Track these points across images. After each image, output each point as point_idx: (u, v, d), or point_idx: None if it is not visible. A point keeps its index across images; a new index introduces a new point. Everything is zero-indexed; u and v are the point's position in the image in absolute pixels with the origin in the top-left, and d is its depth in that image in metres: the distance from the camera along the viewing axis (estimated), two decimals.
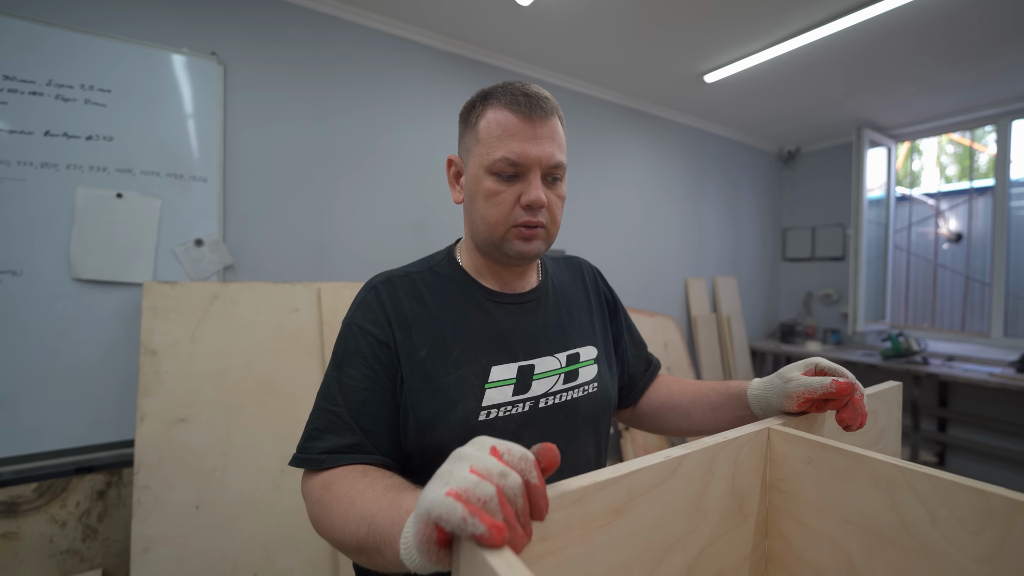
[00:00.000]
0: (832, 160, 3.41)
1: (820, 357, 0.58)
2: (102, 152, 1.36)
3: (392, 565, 0.38)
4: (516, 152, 0.57)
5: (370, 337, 0.59)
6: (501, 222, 0.59)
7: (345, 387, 0.57)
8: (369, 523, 0.41)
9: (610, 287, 0.80)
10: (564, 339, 0.66)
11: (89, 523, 1.27)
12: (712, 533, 0.51)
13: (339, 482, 0.50)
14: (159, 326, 1.34)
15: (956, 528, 0.42)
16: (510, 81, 0.61)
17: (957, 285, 3.08)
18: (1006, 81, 2.40)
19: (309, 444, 0.55)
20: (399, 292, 0.62)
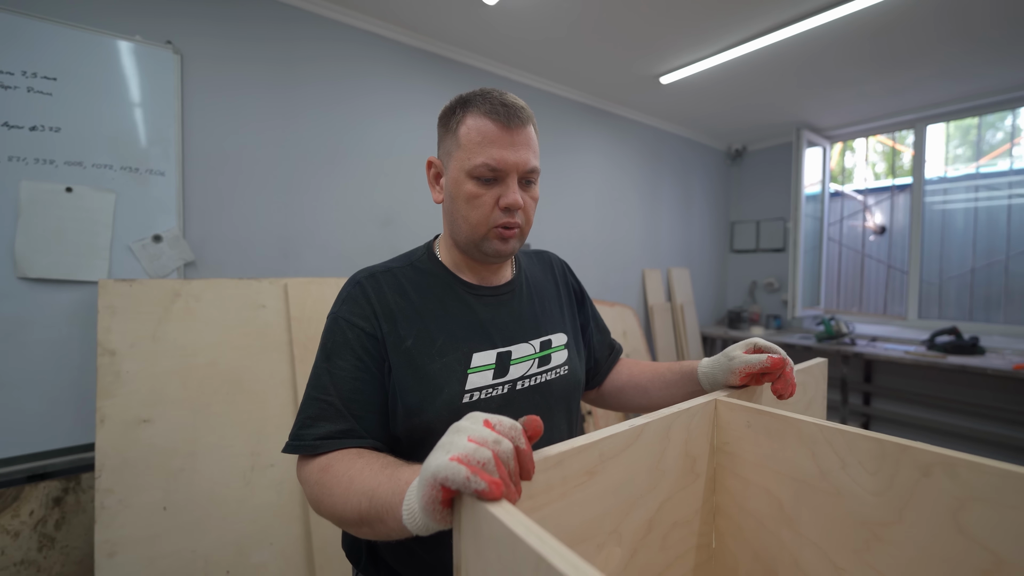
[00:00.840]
0: (775, 158, 3.67)
1: (758, 338, 0.68)
2: (48, 144, 1.29)
3: (393, 532, 0.43)
4: (495, 158, 0.61)
5: (357, 330, 0.62)
6: (482, 223, 0.64)
7: (336, 377, 0.60)
8: (370, 497, 0.45)
9: (577, 279, 0.86)
10: (537, 327, 0.72)
11: (45, 532, 1.22)
12: (669, 490, 0.59)
13: (336, 464, 0.54)
14: (117, 325, 1.30)
15: (860, 471, 0.52)
16: (488, 89, 0.65)
17: (881, 273, 3.41)
18: (922, 90, 2.68)
19: (303, 431, 0.58)
20: (383, 287, 0.66)
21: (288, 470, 1.47)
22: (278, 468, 1.45)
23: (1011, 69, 2.40)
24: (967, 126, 2.95)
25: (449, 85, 2.22)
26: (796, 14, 1.89)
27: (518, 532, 0.31)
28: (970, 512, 0.45)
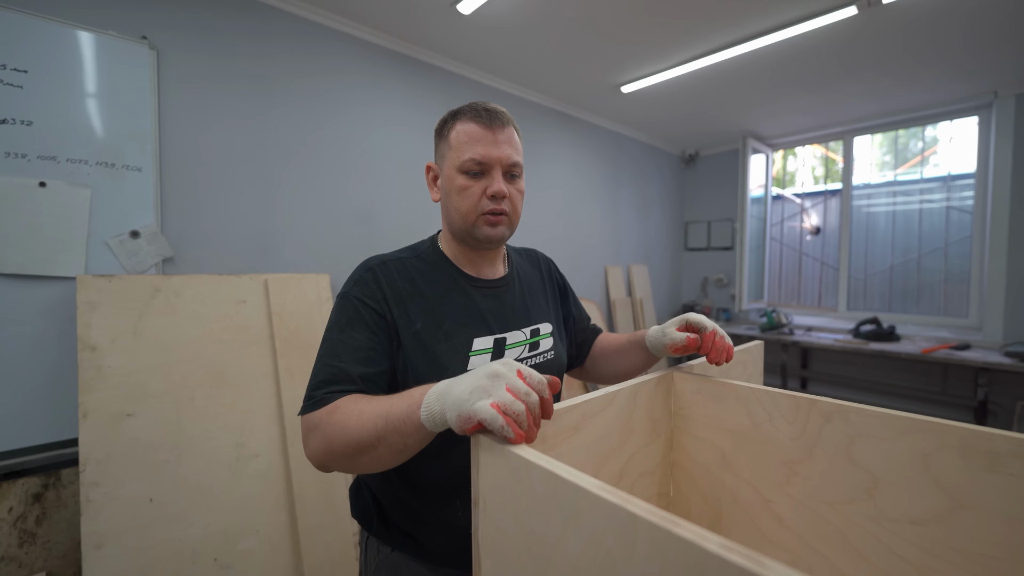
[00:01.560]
0: (724, 163, 3.95)
1: (692, 313, 0.79)
2: (20, 137, 1.26)
3: (409, 437, 0.51)
4: (480, 154, 0.70)
5: (369, 309, 0.69)
6: (472, 211, 0.72)
7: (349, 347, 0.66)
8: (385, 416, 0.52)
9: (562, 275, 0.96)
10: (528, 317, 0.81)
11: (26, 528, 1.21)
12: (636, 446, 0.73)
13: (344, 404, 0.58)
14: (98, 321, 1.30)
15: (782, 422, 0.67)
16: (475, 101, 0.75)
17: (816, 269, 3.76)
18: (849, 106, 3.00)
19: (315, 392, 0.62)
20: (393, 274, 0.73)
21: (272, 460, 1.51)
22: (262, 459, 1.50)
23: (918, 92, 2.74)
24: (894, 136, 3.31)
25: (423, 87, 2.28)
26: (739, 37, 2.09)
27: (531, 459, 0.42)
28: (858, 446, 0.60)
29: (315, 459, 0.60)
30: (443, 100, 2.36)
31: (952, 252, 3.09)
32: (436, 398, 0.49)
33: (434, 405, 0.49)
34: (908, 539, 0.57)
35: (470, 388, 0.46)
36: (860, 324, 2.98)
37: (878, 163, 3.40)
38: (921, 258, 3.22)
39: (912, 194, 3.26)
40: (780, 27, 1.98)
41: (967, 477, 0.53)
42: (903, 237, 3.31)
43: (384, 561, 0.74)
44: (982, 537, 0.52)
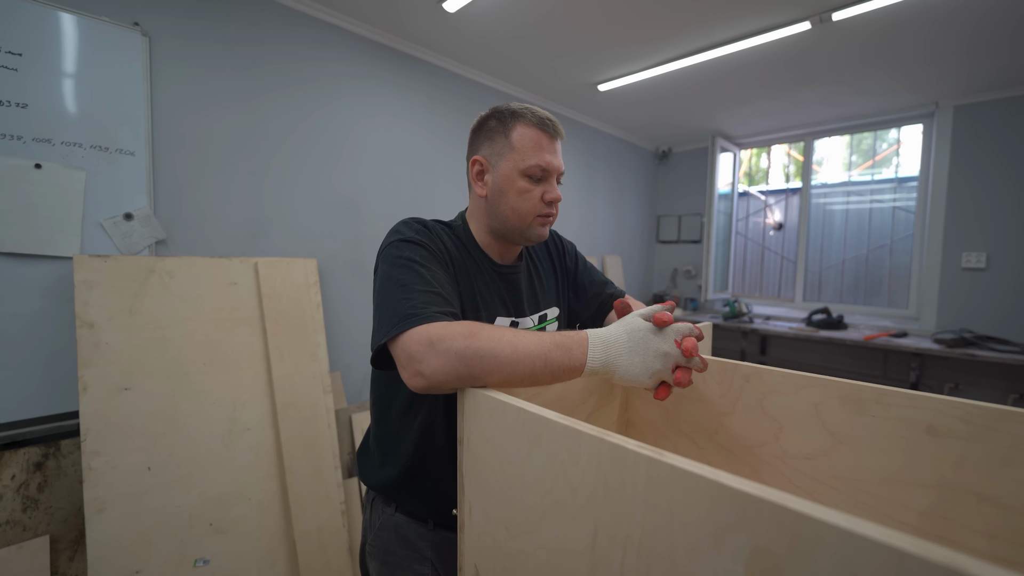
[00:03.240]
0: (695, 160, 4.14)
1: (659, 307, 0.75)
2: (15, 119, 1.30)
3: (562, 379, 0.59)
4: (546, 161, 0.75)
5: (439, 255, 0.72)
6: (530, 213, 0.77)
7: (439, 280, 0.67)
8: (544, 359, 0.57)
9: (572, 251, 1.00)
10: (536, 303, 0.88)
11: (28, 494, 1.28)
12: (595, 406, 0.86)
13: (483, 332, 0.57)
14: (95, 299, 1.36)
15: (712, 383, 0.81)
16: (530, 105, 0.78)
17: (777, 262, 4.01)
18: (808, 111, 3.21)
19: (425, 309, 0.60)
20: (442, 235, 0.77)
21: (264, 433, 1.60)
22: (254, 432, 1.58)
23: (870, 100, 2.97)
24: (861, 138, 3.52)
25: (409, 79, 2.35)
26: (707, 44, 2.24)
27: (505, 400, 0.55)
28: (768, 400, 0.75)
29: (435, 379, 0.56)
30: (428, 92, 2.44)
31: (896, 249, 3.36)
32: (601, 362, 0.59)
33: (598, 366, 0.59)
34: (802, 471, 0.72)
35: (647, 371, 0.60)
36: (812, 314, 3.22)
37: (844, 162, 3.61)
38: (870, 254, 3.49)
39: (864, 194, 3.51)
40: (743, 37, 2.13)
41: (845, 420, 0.68)
42: (855, 234, 3.57)
43: (387, 521, 0.80)
44: (854, 466, 0.68)
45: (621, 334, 0.62)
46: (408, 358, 0.58)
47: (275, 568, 1.54)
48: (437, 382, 0.57)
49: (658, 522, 0.41)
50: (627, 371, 0.60)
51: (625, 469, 0.43)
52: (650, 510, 0.41)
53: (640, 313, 0.66)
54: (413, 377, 0.58)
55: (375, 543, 0.82)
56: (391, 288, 0.65)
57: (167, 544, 1.34)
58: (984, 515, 0.59)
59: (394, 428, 0.81)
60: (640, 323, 0.63)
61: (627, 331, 0.62)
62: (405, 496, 0.80)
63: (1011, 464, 0.57)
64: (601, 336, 0.62)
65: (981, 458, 0.59)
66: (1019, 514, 0.56)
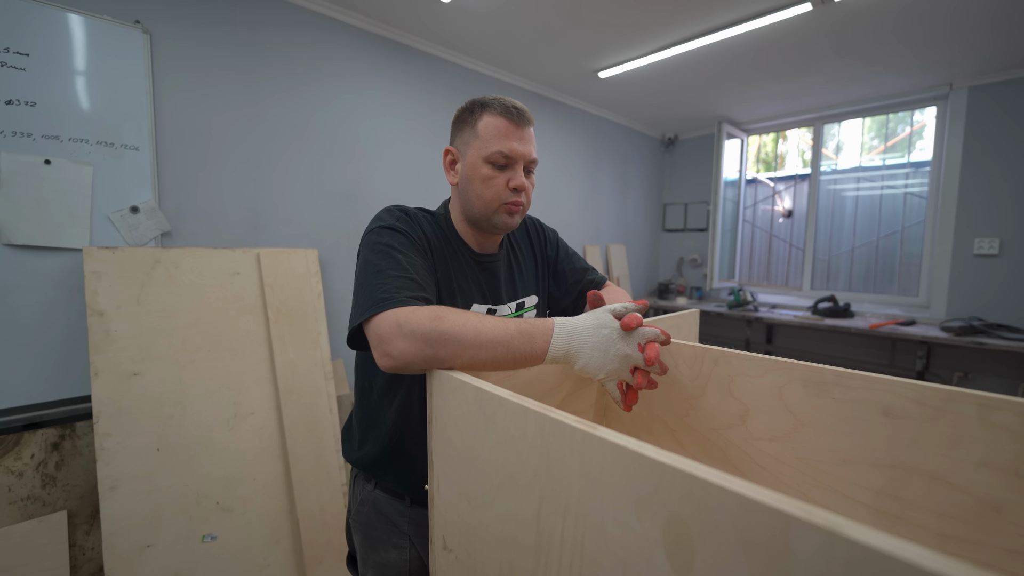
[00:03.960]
0: (702, 147, 4.08)
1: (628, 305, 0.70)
2: (25, 117, 1.36)
3: (524, 365, 0.62)
4: (508, 148, 0.76)
5: (418, 241, 0.75)
6: (494, 200, 0.77)
7: (414, 266, 0.69)
8: (507, 346, 0.59)
9: (554, 238, 1.01)
10: (514, 291, 0.90)
11: (47, 472, 1.36)
12: (570, 388, 0.89)
13: (448, 315, 0.59)
14: (104, 289, 1.42)
15: (684, 367, 0.83)
16: (499, 95, 0.79)
17: (785, 251, 3.96)
18: (816, 95, 3.13)
19: (397, 294, 0.62)
20: (424, 223, 0.80)
21: (267, 417, 1.66)
22: (258, 416, 1.65)
23: (880, 82, 2.89)
24: (879, 121, 3.40)
25: (407, 70, 2.37)
26: (706, 28, 2.21)
27: (466, 381, 0.58)
28: (735, 383, 0.77)
29: (401, 360, 0.59)
30: (426, 83, 2.45)
31: (908, 235, 3.29)
32: (563, 352, 0.62)
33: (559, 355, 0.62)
34: (767, 452, 0.74)
35: (604, 369, 0.62)
36: (818, 302, 3.19)
37: (866, 146, 3.47)
38: (880, 241, 3.42)
39: (876, 180, 3.43)
40: (743, 20, 2.10)
41: (806, 402, 0.70)
42: (866, 221, 3.50)
43: (367, 497, 0.85)
44: (815, 446, 0.69)
45: (588, 327, 0.64)
46: (378, 339, 0.61)
47: (279, 545, 1.61)
48: (404, 363, 0.60)
49: (591, 492, 0.43)
50: (586, 364, 0.63)
51: (564, 442, 0.46)
52: (585, 481, 0.44)
53: (611, 309, 0.68)
54: (382, 358, 0.61)
55: (357, 517, 0.86)
56: (368, 273, 0.68)
57: (176, 520, 1.42)
58: (934, 494, 0.60)
59: (374, 408, 0.84)
60: (609, 320, 0.65)
61: (595, 325, 0.64)
62: (384, 473, 0.84)
63: (959, 444, 0.58)
64: (568, 326, 0.64)
65: (932, 439, 0.60)
66: (966, 492, 0.58)
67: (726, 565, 0.33)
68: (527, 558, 0.52)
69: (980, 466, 0.57)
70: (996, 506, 0.56)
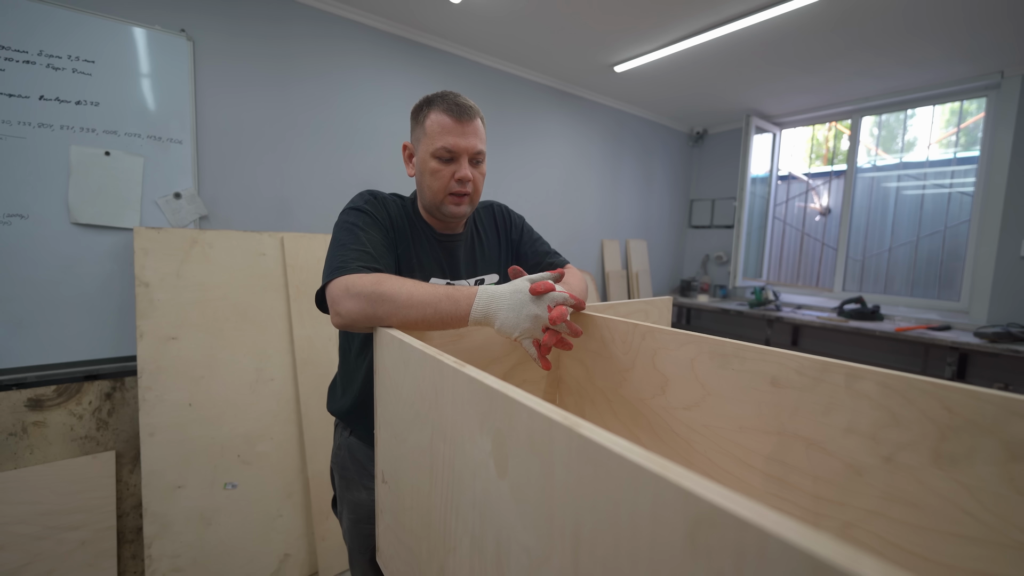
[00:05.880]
0: (732, 141, 3.98)
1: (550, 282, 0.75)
2: (90, 115, 1.60)
3: (450, 326, 0.71)
4: (451, 143, 0.83)
5: (379, 221, 0.85)
6: (440, 191, 0.86)
7: (373, 241, 0.79)
8: (435, 307, 0.68)
9: (519, 222, 1.09)
10: (475, 267, 0.99)
11: (101, 417, 1.61)
12: (520, 359, 0.98)
13: (388, 281, 0.69)
14: (149, 264, 1.65)
15: (618, 342, 0.90)
16: (447, 92, 0.86)
17: (817, 250, 3.80)
18: (851, 86, 3.00)
19: (349, 264, 0.73)
20: (391, 205, 0.89)
21: (285, 384, 1.86)
22: (277, 382, 1.84)
23: (921, 72, 2.73)
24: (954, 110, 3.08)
25: (423, 67, 2.51)
26: (720, 19, 2.19)
27: (394, 335, 0.69)
28: (658, 356, 0.83)
29: (348, 317, 0.69)
30: (442, 79, 2.58)
31: (950, 236, 3.09)
32: (482, 314, 0.70)
33: (480, 317, 0.71)
34: (681, 420, 0.81)
35: (517, 328, 0.71)
36: (844, 303, 3.06)
37: (944, 142, 3.15)
38: (920, 241, 3.23)
39: (918, 178, 3.24)
40: (755, 10, 2.07)
41: (712, 373, 0.76)
42: (906, 220, 3.31)
43: (344, 442, 0.97)
44: (719, 414, 0.75)
45: (505, 293, 0.74)
46: (332, 300, 0.72)
47: (291, 499, 1.80)
48: (351, 320, 0.70)
49: (456, 418, 0.53)
50: (502, 324, 0.72)
51: (444, 379, 0.56)
52: (451, 408, 0.54)
53: (528, 278, 0.77)
54: (334, 316, 0.72)
55: (335, 459, 1.00)
56: (333, 246, 0.80)
57: (203, 467, 1.63)
58: (811, 459, 0.66)
59: (351, 368, 0.97)
60: (523, 286, 0.75)
61: (511, 291, 0.74)
62: (356, 423, 0.96)
63: (831, 412, 0.63)
64: (488, 292, 0.74)
65: (810, 407, 0.65)
66: (835, 457, 0.63)
67: (523, 464, 0.42)
68: (426, 480, 0.62)
69: (846, 432, 0.62)
70: (858, 469, 0.62)
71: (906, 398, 0.56)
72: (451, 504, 0.56)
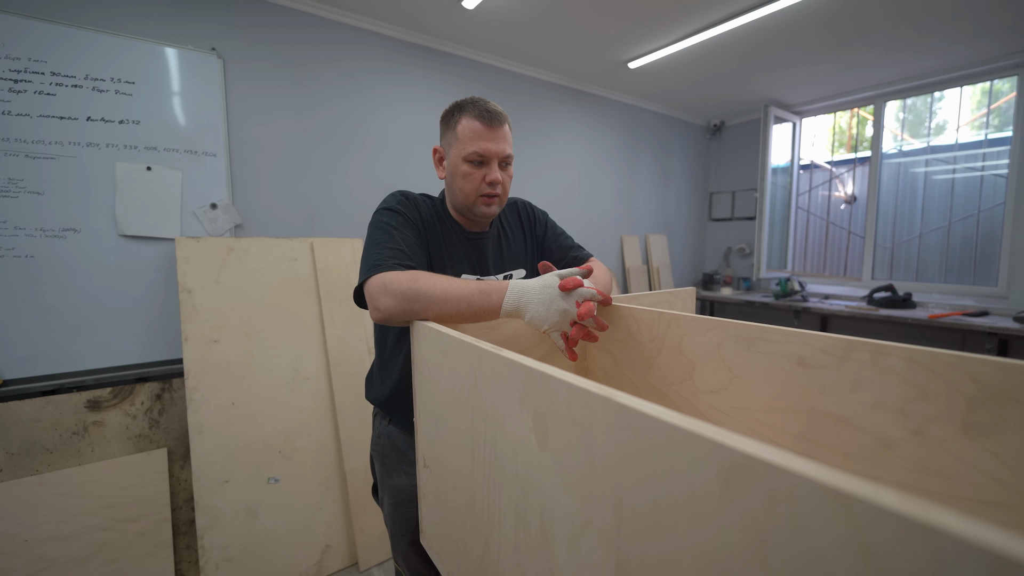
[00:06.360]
0: (750, 132, 3.93)
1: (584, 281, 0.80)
2: (132, 133, 1.71)
3: (483, 319, 0.75)
4: (482, 148, 0.87)
5: (411, 220, 0.89)
6: (472, 193, 0.90)
7: (407, 240, 0.83)
8: (468, 301, 0.72)
9: (542, 218, 1.12)
10: (503, 263, 1.03)
11: (152, 416, 1.71)
12: (547, 350, 1.01)
13: (423, 277, 0.73)
14: (191, 271, 1.74)
15: (644, 330, 0.93)
16: (476, 98, 0.90)
17: (845, 239, 3.72)
18: (873, 70, 2.93)
19: (386, 262, 0.77)
20: (422, 206, 0.94)
21: (320, 383, 1.93)
22: (312, 381, 1.92)
23: (943, 54, 2.65)
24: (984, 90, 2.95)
25: (440, 73, 2.56)
26: (729, 13, 2.18)
27: (431, 327, 0.73)
28: (684, 342, 0.86)
29: (386, 312, 0.74)
30: (458, 83, 2.63)
31: (984, 219, 2.99)
32: (513, 307, 0.74)
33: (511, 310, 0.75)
34: (709, 403, 0.83)
35: (547, 321, 0.74)
36: (874, 291, 2.99)
37: (976, 123, 3.01)
38: (953, 226, 3.13)
39: (947, 161, 3.14)
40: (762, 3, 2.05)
41: (739, 356, 0.78)
42: (937, 204, 3.22)
43: (383, 430, 1.02)
44: (746, 395, 0.77)
45: (536, 287, 0.77)
46: (370, 297, 0.77)
47: (330, 493, 1.87)
48: (389, 315, 0.75)
49: (495, 399, 0.57)
50: (532, 317, 0.76)
51: (482, 365, 0.60)
52: (491, 391, 0.58)
53: (558, 273, 0.81)
54: (373, 312, 0.77)
55: (375, 447, 1.05)
56: (369, 245, 0.84)
57: (248, 463, 1.71)
58: (841, 435, 0.67)
59: (388, 359, 1.02)
60: (553, 281, 0.78)
61: (541, 286, 0.77)
62: (394, 410, 1.01)
63: (858, 388, 0.65)
64: (519, 286, 0.77)
65: (837, 384, 0.67)
66: (864, 432, 0.64)
67: (563, 436, 0.45)
68: (467, 461, 0.66)
69: (875, 407, 0.64)
70: (887, 443, 0.63)
71: (933, 372, 0.57)
72: (494, 480, 0.59)
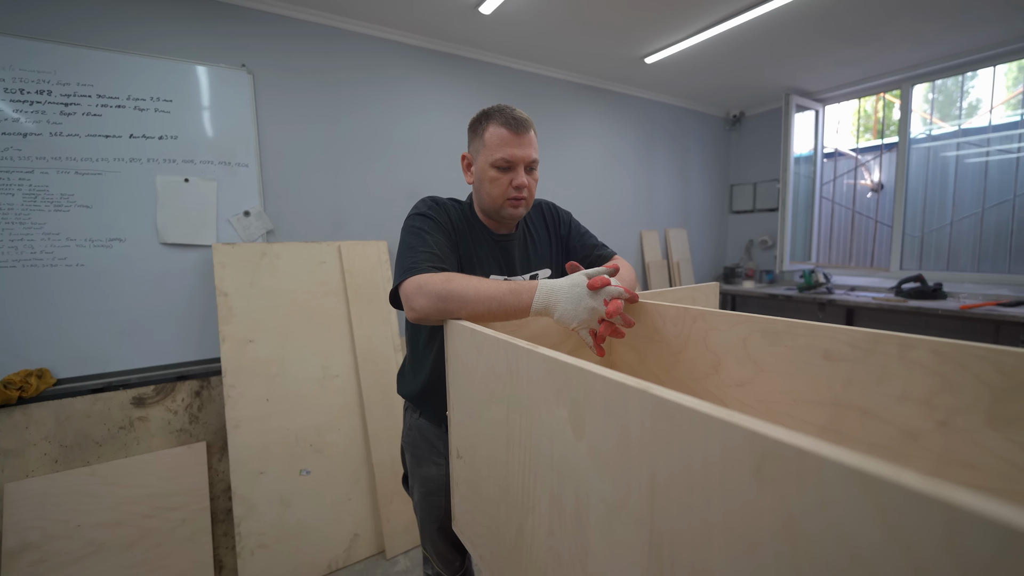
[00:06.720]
0: (771, 122, 3.86)
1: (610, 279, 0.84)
2: (171, 148, 1.79)
3: (513, 317, 0.79)
4: (509, 154, 0.91)
5: (441, 225, 0.93)
6: (500, 196, 0.94)
7: (439, 243, 0.88)
8: (499, 300, 0.76)
9: (566, 218, 1.16)
10: (529, 264, 1.06)
11: (192, 412, 1.80)
12: (574, 345, 1.05)
13: (456, 278, 0.77)
14: (227, 276, 1.83)
15: (670, 326, 0.95)
16: (503, 105, 0.94)
17: (871, 228, 3.63)
18: (897, 55, 2.85)
19: (420, 264, 0.81)
20: (451, 210, 0.98)
21: (348, 380, 2.00)
22: (341, 378, 1.99)
23: (972, 33, 2.57)
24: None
25: (458, 77, 2.60)
26: (745, 4, 2.15)
27: (465, 325, 0.77)
28: (710, 337, 0.87)
29: (422, 312, 0.77)
30: (476, 87, 2.66)
31: (1020, 204, 2.89)
32: (543, 305, 0.77)
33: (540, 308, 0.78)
34: (734, 397, 0.85)
35: (575, 319, 0.78)
36: (902, 282, 2.93)
37: (1012, 102, 2.86)
38: (986, 212, 3.04)
39: (980, 144, 3.04)
40: None
41: (765, 350, 0.79)
42: (970, 191, 3.12)
43: (413, 423, 1.08)
44: (772, 389, 0.79)
45: (564, 286, 0.81)
46: (406, 298, 0.81)
47: (359, 485, 1.94)
48: (424, 314, 0.79)
49: (531, 392, 0.61)
50: (562, 314, 0.79)
51: (518, 360, 0.63)
52: (527, 385, 0.61)
53: (585, 272, 0.84)
54: (409, 312, 0.82)
55: (406, 439, 1.10)
56: (403, 249, 0.89)
57: (281, 456, 1.79)
58: (866, 427, 0.69)
59: (420, 356, 1.07)
60: (581, 280, 0.81)
61: (569, 285, 0.81)
62: (425, 404, 1.06)
63: (884, 381, 0.66)
64: (548, 285, 0.81)
65: (863, 377, 0.68)
66: (891, 424, 0.66)
67: (599, 426, 0.49)
68: (502, 451, 0.70)
69: (901, 399, 0.65)
70: (913, 434, 0.65)
71: (959, 364, 0.58)
72: (529, 468, 0.63)
